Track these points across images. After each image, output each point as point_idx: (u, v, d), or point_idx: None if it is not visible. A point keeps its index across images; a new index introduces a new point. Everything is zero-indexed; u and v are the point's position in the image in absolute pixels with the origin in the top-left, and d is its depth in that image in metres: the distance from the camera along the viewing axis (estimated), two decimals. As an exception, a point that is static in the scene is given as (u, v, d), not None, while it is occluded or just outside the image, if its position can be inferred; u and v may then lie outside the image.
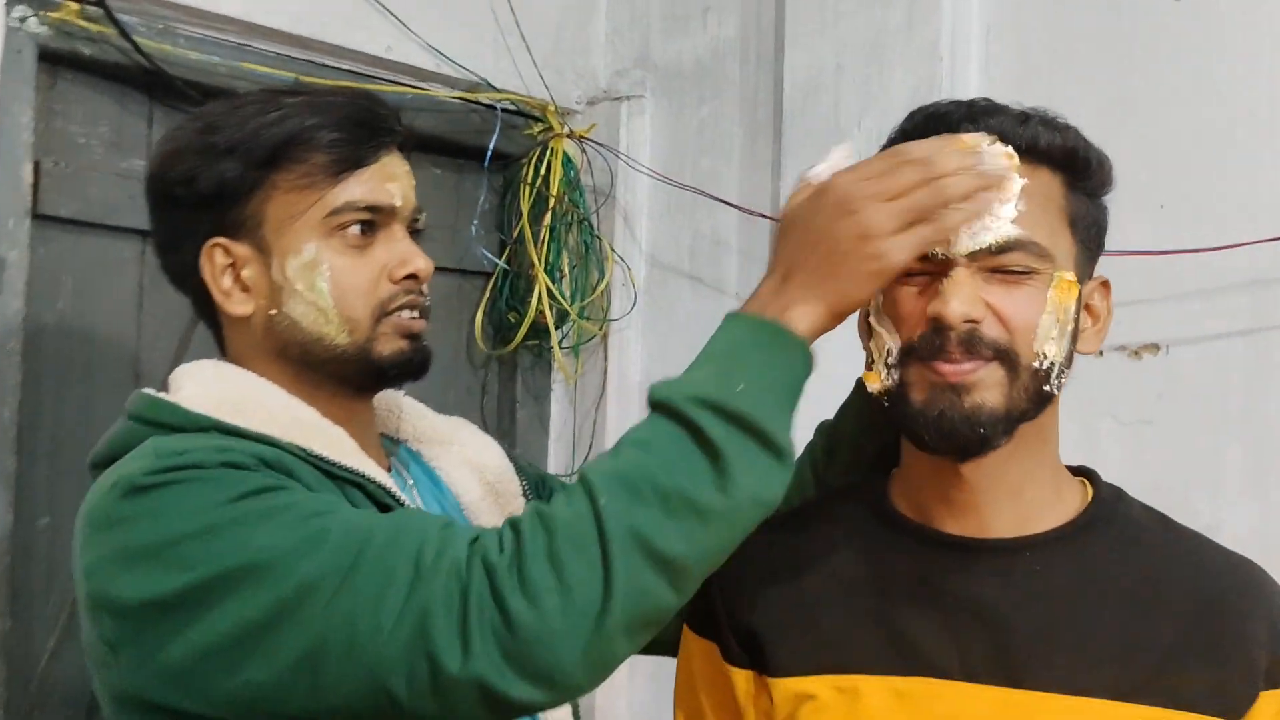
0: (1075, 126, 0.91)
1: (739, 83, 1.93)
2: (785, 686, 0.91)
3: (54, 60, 1.54)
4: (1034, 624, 0.87)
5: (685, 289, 1.99)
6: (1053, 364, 0.86)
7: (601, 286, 2.02)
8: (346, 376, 1.01)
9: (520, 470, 1.18)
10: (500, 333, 2.06)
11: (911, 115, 0.92)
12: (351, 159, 0.98)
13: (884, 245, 0.80)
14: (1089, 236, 0.92)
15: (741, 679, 0.94)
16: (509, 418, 2.10)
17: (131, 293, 1.66)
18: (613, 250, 2.02)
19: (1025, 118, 0.88)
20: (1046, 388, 0.87)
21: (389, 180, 1.01)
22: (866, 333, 0.92)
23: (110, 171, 1.61)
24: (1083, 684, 0.85)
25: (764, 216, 1.83)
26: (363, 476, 0.96)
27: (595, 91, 2.08)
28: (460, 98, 1.92)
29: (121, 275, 1.64)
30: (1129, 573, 0.89)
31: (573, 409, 2.09)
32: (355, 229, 0.99)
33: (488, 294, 2.03)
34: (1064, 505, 0.93)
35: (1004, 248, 0.85)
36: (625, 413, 2.04)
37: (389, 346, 1.01)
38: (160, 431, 0.95)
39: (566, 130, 2.03)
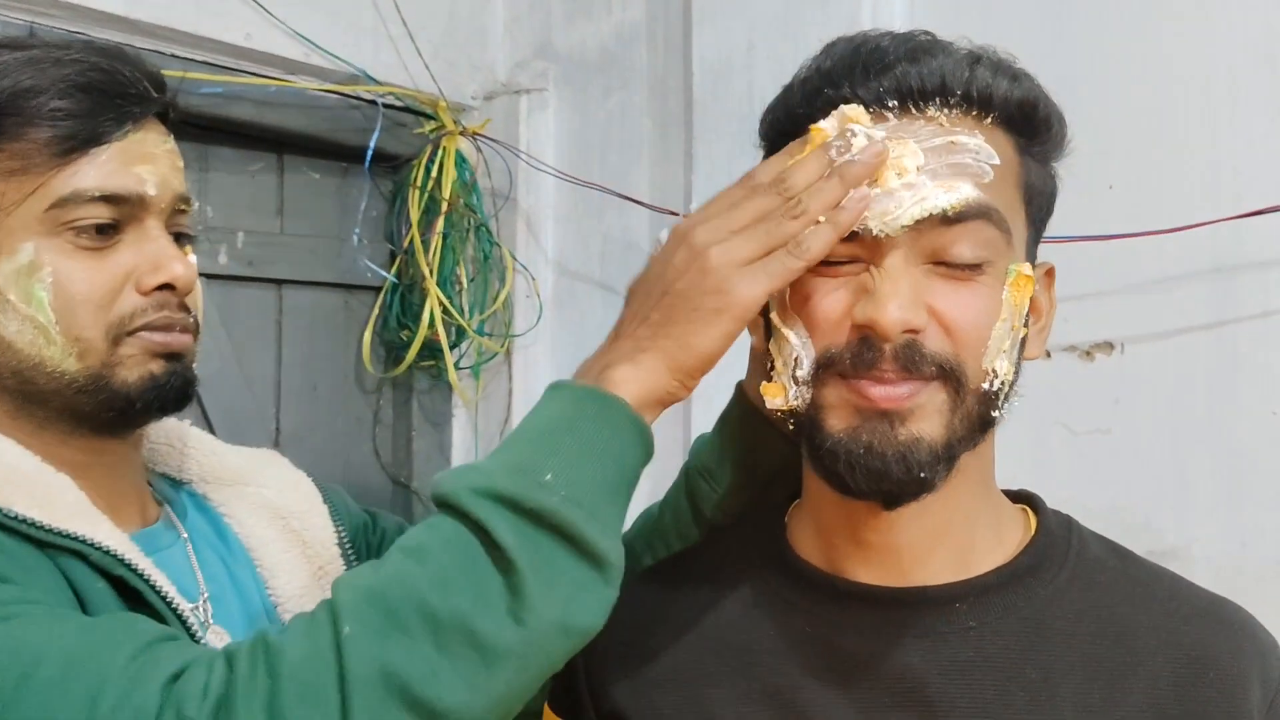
0: (1030, 74, 0.73)
1: (647, 71, 1.75)
2: None
3: None
4: (970, 698, 0.68)
5: (596, 298, 1.80)
6: (1003, 384, 0.69)
7: (502, 298, 1.83)
8: (82, 412, 0.80)
9: (336, 514, 0.97)
10: (392, 353, 1.86)
11: (830, 48, 0.73)
12: (84, 136, 0.78)
13: (731, 280, 0.65)
14: (1041, 214, 0.75)
15: None
16: (405, 448, 1.89)
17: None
18: (514, 258, 1.83)
19: (975, 59, 0.70)
20: (994, 413, 0.70)
21: (139, 162, 0.80)
22: (764, 334, 0.73)
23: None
24: None
25: (676, 215, 1.65)
26: (83, 542, 0.74)
27: (493, 85, 1.89)
28: (336, 91, 1.73)
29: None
30: (1086, 625, 0.71)
31: (475, 435, 1.89)
32: (90, 227, 0.79)
33: (376, 311, 1.83)
34: (1003, 544, 0.74)
35: (961, 214, 0.66)
36: (534, 438, 1.84)
37: (134, 372, 0.80)
38: None
39: (460, 128, 1.83)
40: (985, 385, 0.68)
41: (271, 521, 0.92)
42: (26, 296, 0.78)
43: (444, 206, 1.81)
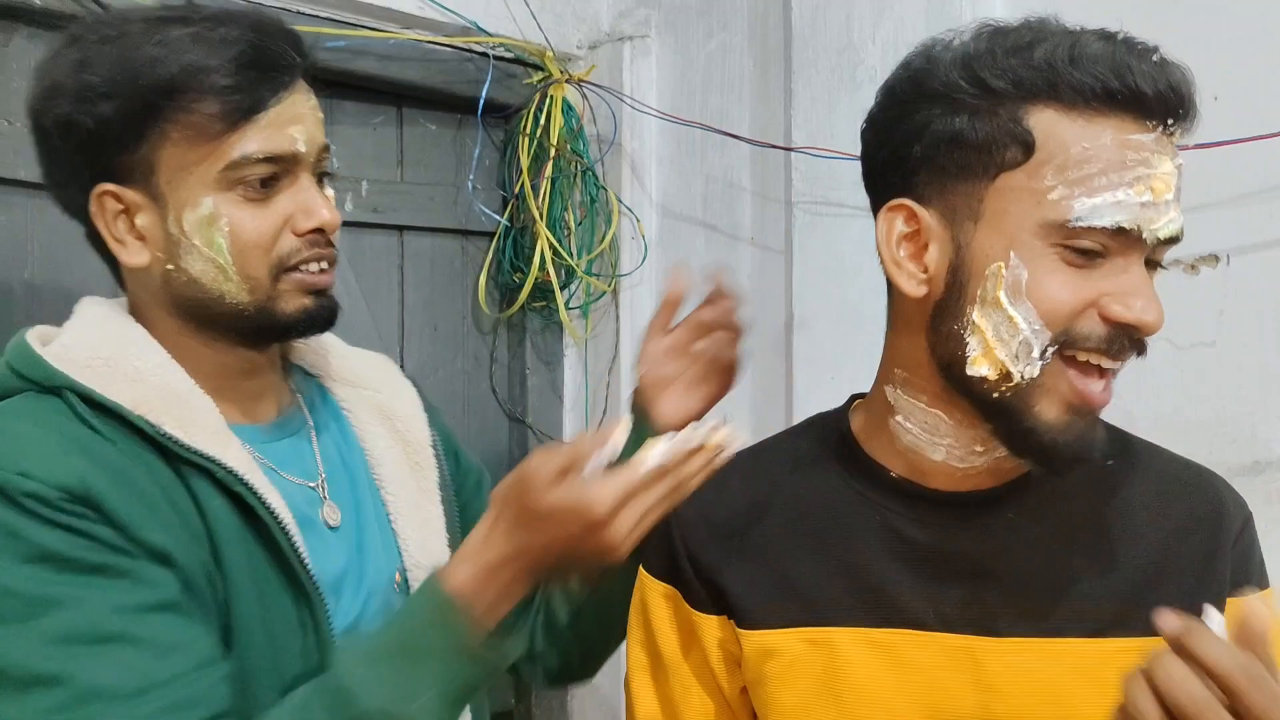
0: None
1: (746, 11, 1.79)
2: (753, 640, 0.88)
3: (8, 16, 1.45)
4: (1011, 574, 0.83)
5: (699, 237, 1.86)
6: None
7: (609, 240, 1.90)
8: (246, 332, 0.98)
9: (433, 421, 1.14)
10: (506, 295, 1.94)
11: (1093, 46, 0.75)
12: (247, 106, 0.92)
13: (622, 546, 0.83)
14: None
15: (710, 625, 0.90)
16: (520, 385, 1.98)
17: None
18: (620, 201, 1.90)
19: (1163, 63, 0.75)
20: None
21: (291, 124, 0.95)
22: (918, 279, 0.82)
23: (75, 132, 1.53)
24: (1058, 626, 0.81)
25: (777, 147, 1.69)
26: (211, 460, 0.89)
27: (597, 34, 1.95)
28: (450, 44, 1.81)
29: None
30: (1099, 506, 0.86)
31: (585, 373, 1.97)
32: (255, 181, 0.93)
33: (490, 254, 1.92)
34: None
35: (1177, 239, 0.78)
36: (642, 374, 1.91)
37: (291, 304, 0.97)
38: (22, 385, 0.91)
39: (566, 76, 1.90)
40: None
41: (382, 421, 1.07)
42: (209, 242, 0.93)
43: (552, 153, 1.88)
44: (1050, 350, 0.75)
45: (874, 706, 0.82)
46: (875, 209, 0.86)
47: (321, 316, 1.00)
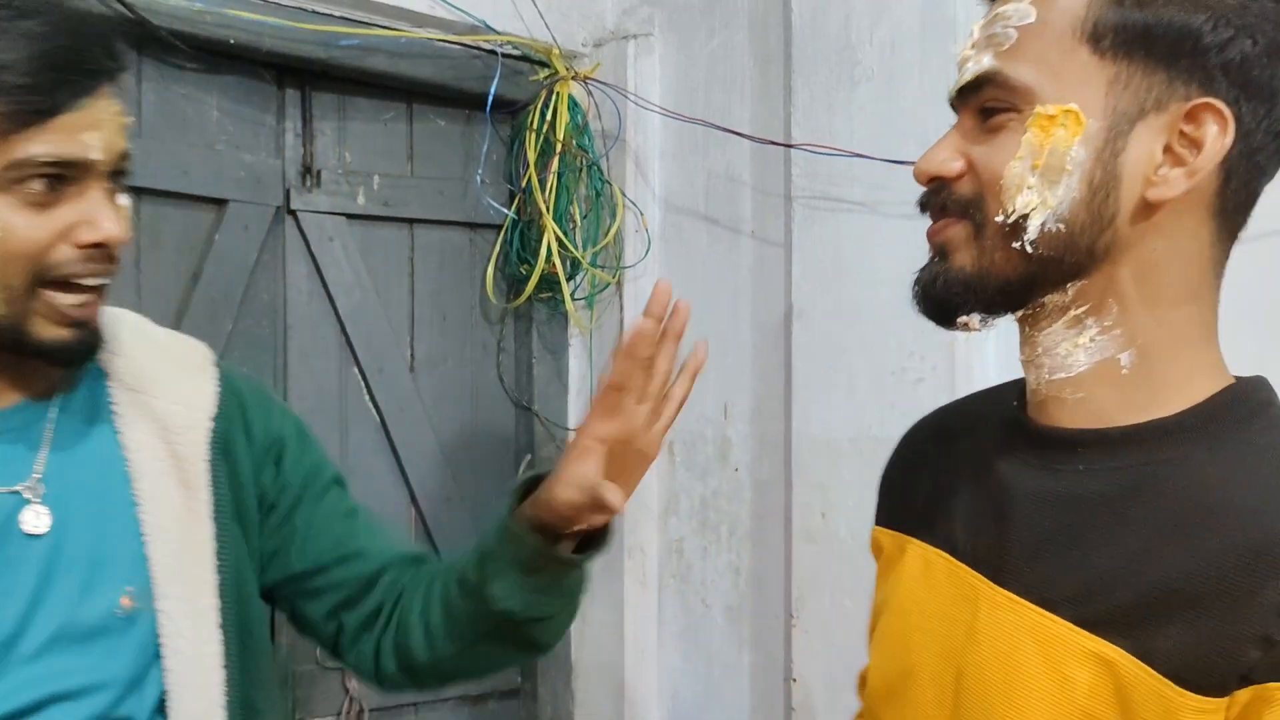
0: None
1: (747, 10, 1.84)
2: (879, 533, 0.94)
3: (34, 14, 1.50)
4: (1039, 525, 0.77)
5: (701, 231, 1.91)
6: (1022, 215, 0.73)
7: (613, 232, 1.95)
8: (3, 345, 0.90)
9: (271, 424, 1.07)
10: (513, 286, 2.00)
11: None
12: (42, 108, 0.84)
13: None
14: (1148, 48, 0.72)
15: (880, 535, 0.94)
16: (526, 374, 2.04)
17: (128, 252, 1.62)
18: (624, 195, 1.95)
19: None
20: (1020, 243, 0.74)
21: (88, 129, 0.87)
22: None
23: (99, 127, 1.58)
24: (1052, 598, 0.74)
25: (778, 144, 1.75)
26: None
27: (601, 32, 2.01)
28: (459, 42, 1.86)
29: (116, 234, 1.61)
30: (1186, 492, 0.72)
31: (590, 362, 2.03)
32: (38, 184, 0.86)
33: (498, 246, 1.98)
34: (1182, 395, 0.74)
35: (974, 84, 0.75)
36: (645, 363, 1.97)
37: (46, 332, 0.89)
38: None
39: (572, 73, 1.96)
40: (999, 219, 0.74)
41: (155, 431, 0.98)
42: None
43: (558, 148, 1.93)
44: None
45: (904, 619, 0.85)
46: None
47: (80, 351, 0.91)
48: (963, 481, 0.84)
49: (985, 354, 1.48)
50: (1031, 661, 0.74)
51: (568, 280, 1.94)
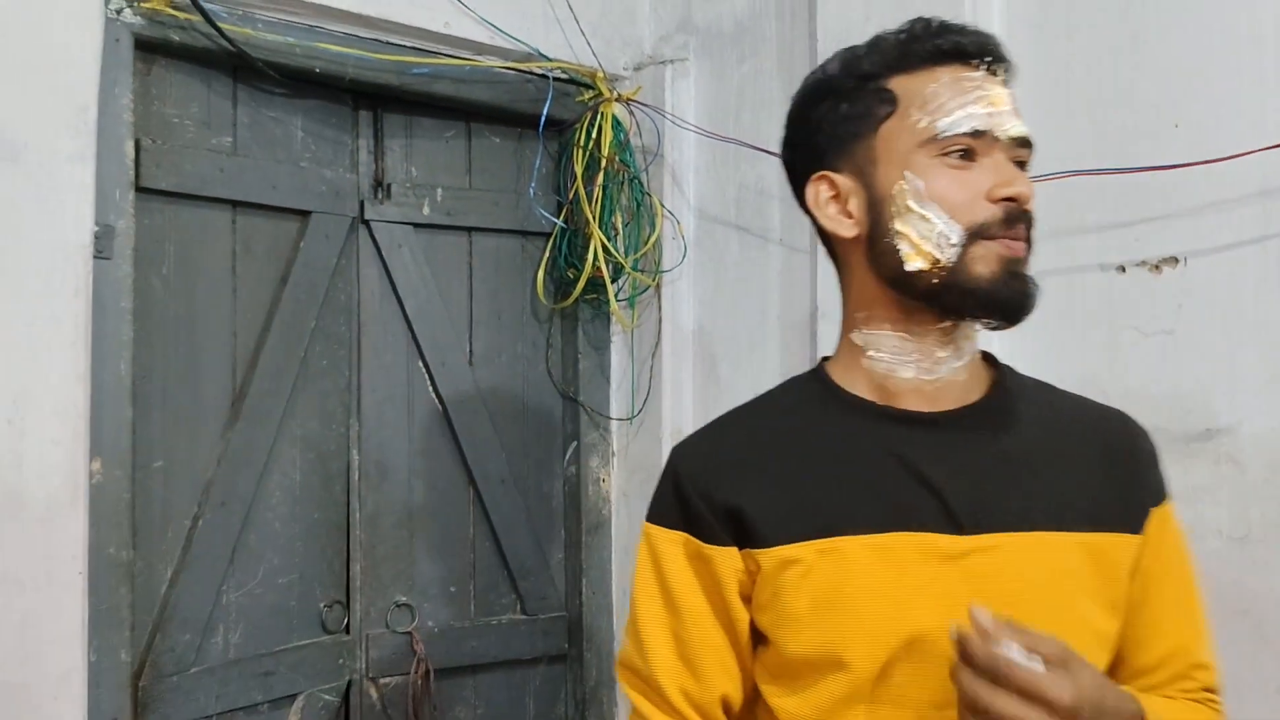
0: None
1: (775, 40, 2.03)
2: (771, 555, 0.98)
3: (149, 48, 1.71)
4: (986, 476, 0.98)
5: (732, 238, 2.11)
6: None
7: (653, 240, 2.15)
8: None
9: None
10: (561, 288, 2.19)
11: (922, 28, 1.01)
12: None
13: None
14: None
15: (726, 555, 0.99)
16: (573, 368, 2.23)
17: (225, 259, 1.83)
18: (662, 205, 2.15)
19: (974, 29, 1.02)
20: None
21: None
22: (860, 218, 1.01)
23: (202, 147, 1.78)
24: (1028, 520, 0.97)
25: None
26: None
27: (641, 57, 2.20)
28: (515, 68, 2.06)
29: (216, 243, 1.81)
30: (1042, 427, 1.03)
31: (631, 357, 2.22)
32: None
33: (547, 252, 2.17)
34: (984, 381, 1.05)
35: (1025, 141, 0.99)
36: (679, 359, 2.16)
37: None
38: None
39: (615, 95, 2.15)
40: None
41: None
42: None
43: (603, 163, 2.13)
44: (965, 237, 0.95)
45: (881, 601, 0.95)
46: (799, 188, 1.06)
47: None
48: (870, 474, 0.98)
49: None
50: (1034, 570, 0.97)
51: (611, 283, 2.13)
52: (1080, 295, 1.62)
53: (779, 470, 1.00)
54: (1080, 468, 1.01)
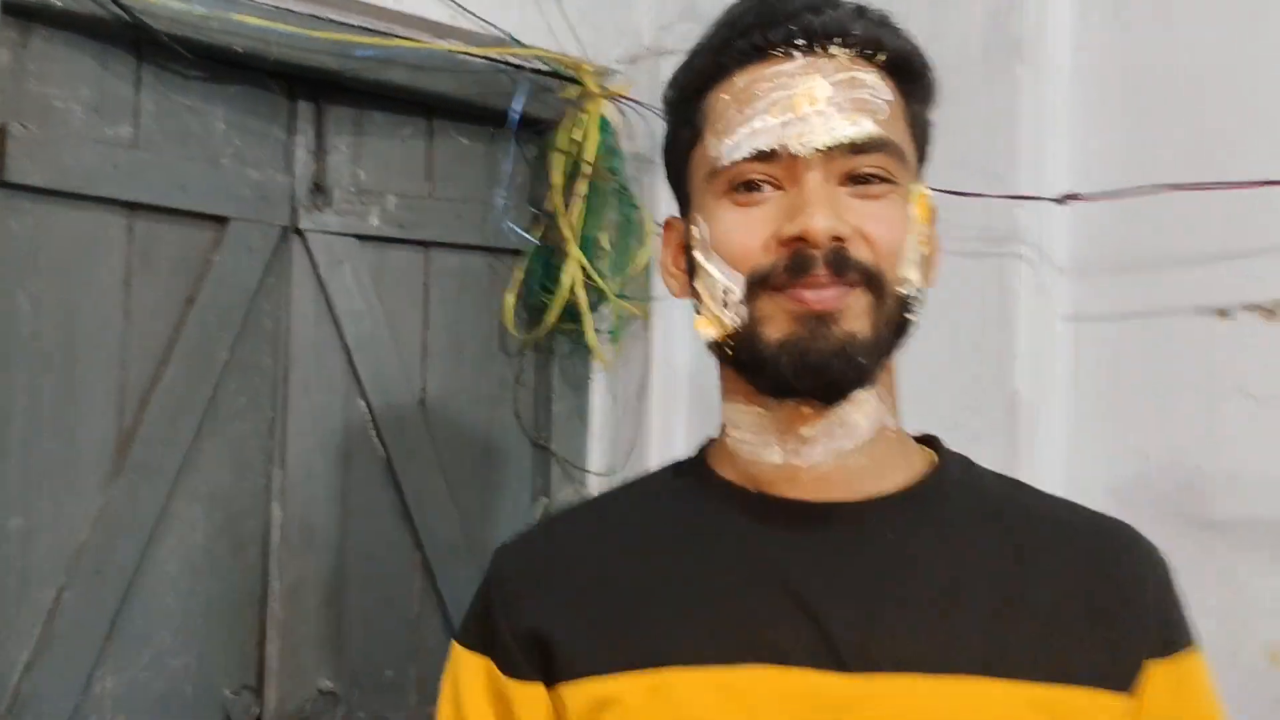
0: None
1: (793, 28, 1.71)
2: (582, 691, 0.77)
3: (23, 14, 1.40)
4: (889, 597, 0.75)
5: (738, 264, 1.77)
6: (915, 291, 0.78)
7: (642, 262, 1.82)
8: None
9: None
10: (534, 317, 1.87)
11: (731, 9, 0.83)
12: None
13: None
14: (923, 152, 0.84)
15: (525, 695, 0.79)
16: (545, 411, 1.90)
17: (116, 272, 1.51)
18: (655, 222, 1.82)
19: (861, 10, 0.80)
20: (909, 316, 0.78)
21: None
22: (685, 276, 0.82)
23: (91, 138, 1.47)
24: (949, 661, 0.73)
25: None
26: None
27: (636, 48, 1.88)
28: (484, 56, 1.74)
29: (106, 253, 1.50)
30: (989, 537, 0.79)
31: (614, 400, 1.89)
32: None
33: (519, 274, 1.85)
34: (910, 468, 0.82)
35: (864, 146, 0.76)
36: (670, 404, 1.83)
37: None
38: None
39: (604, 90, 1.83)
40: (901, 290, 0.77)
41: None
42: None
43: (586, 170, 1.80)
44: (751, 290, 0.76)
45: None
46: None
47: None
48: (721, 584, 0.77)
49: (1049, 407, 1.33)
50: None
51: (592, 311, 1.81)
52: (1168, 347, 1.27)
53: (608, 579, 0.81)
54: (1044, 594, 0.76)
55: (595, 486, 1.90)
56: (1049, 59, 1.37)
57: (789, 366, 0.74)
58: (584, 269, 1.78)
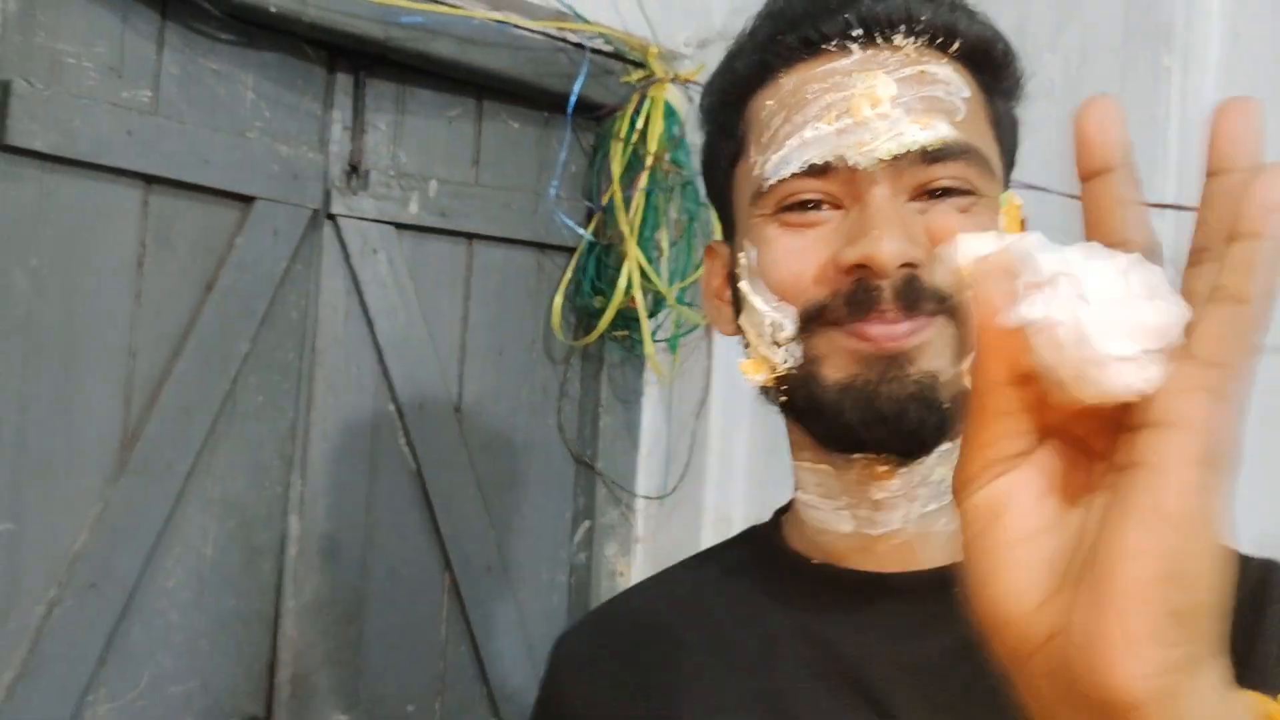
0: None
1: (887, 11, 1.54)
2: None
3: (36, -38, 1.25)
4: (972, 688, 0.59)
5: (811, 271, 1.60)
6: None
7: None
8: None
9: None
10: (584, 321, 1.71)
11: (773, 1, 0.70)
12: None
13: None
14: (1010, 153, 0.72)
15: None
16: (591, 425, 1.74)
17: (129, 251, 1.36)
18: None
19: None
20: None
21: None
22: (731, 309, 0.71)
23: (106, 100, 1.32)
24: None
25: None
26: None
27: (708, 31, 1.72)
28: (542, 31, 1.58)
29: (117, 229, 1.35)
30: None
31: (668, 417, 1.72)
32: None
33: (569, 273, 1.68)
34: None
35: (940, 153, 0.64)
36: (731, 424, 1.66)
37: None
38: None
39: (671, 76, 1.67)
40: None
41: None
42: None
43: (649, 161, 1.64)
44: (801, 323, 0.65)
45: None
46: None
47: None
48: (785, 675, 0.67)
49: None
50: None
51: (649, 318, 1.64)
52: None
53: (675, 669, 0.72)
54: None
55: (643, 510, 1.73)
56: (1198, 48, 1.19)
57: (854, 414, 0.63)
58: (642, 269, 1.62)
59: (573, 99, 1.60)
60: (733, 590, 0.74)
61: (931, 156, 0.64)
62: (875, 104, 0.64)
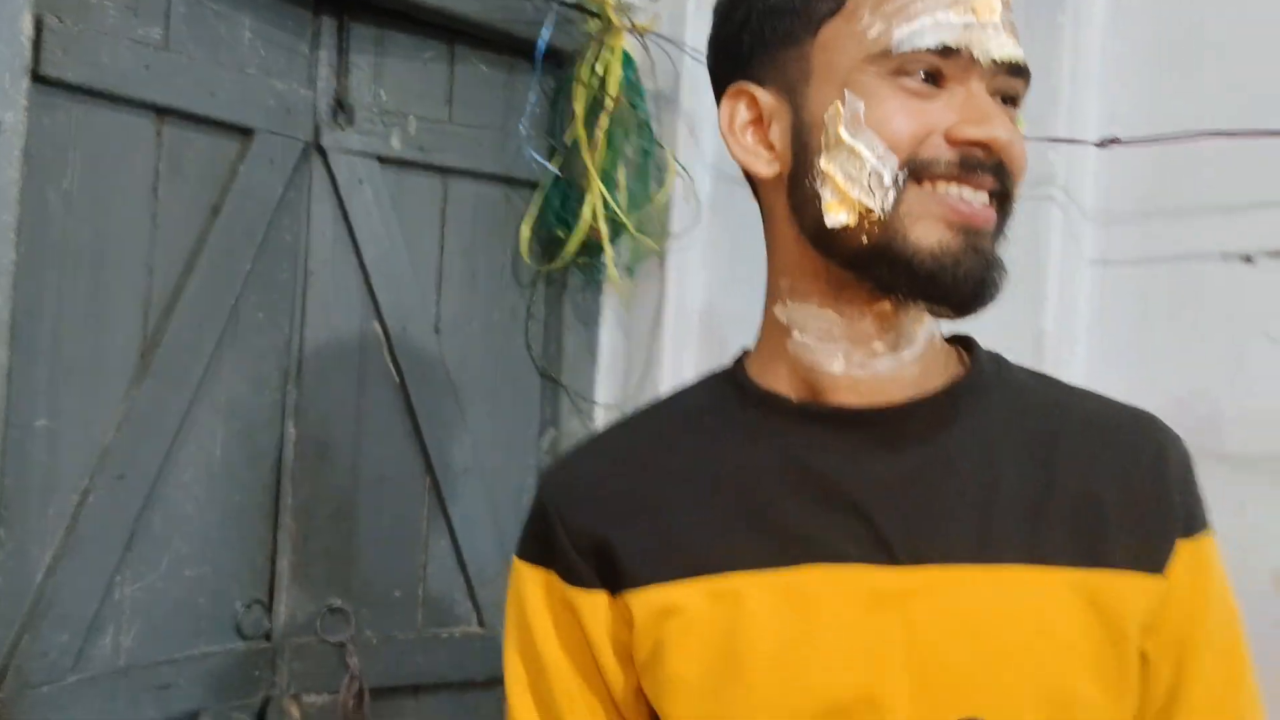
0: None
1: (823, -28, 1.73)
2: (647, 598, 0.78)
3: (63, -96, 1.37)
4: (933, 492, 0.77)
5: (753, 205, 1.79)
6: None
7: (662, 198, 1.83)
8: None
9: None
10: (548, 249, 1.87)
11: None
12: None
13: None
14: None
15: (589, 604, 0.80)
16: (555, 343, 1.92)
17: (146, 176, 1.49)
18: (675, 159, 1.83)
19: None
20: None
21: None
22: (770, 153, 0.80)
23: (125, 36, 1.44)
24: (991, 551, 0.75)
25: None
26: None
27: (660, -15, 1.88)
28: (511, -19, 1.74)
29: (136, 156, 1.47)
30: (1024, 430, 0.80)
31: (625, 335, 1.91)
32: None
33: (536, 205, 1.85)
34: (947, 370, 0.83)
35: (1021, 70, 0.77)
36: (682, 341, 1.85)
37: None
38: None
39: (627, 24, 1.83)
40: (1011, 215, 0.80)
41: None
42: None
43: (608, 104, 1.81)
44: (902, 176, 0.74)
45: (791, 661, 0.74)
46: (718, 98, 0.84)
47: None
48: (771, 495, 0.78)
49: (1075, 348, 1.38)
50: (1001, 613, 0.74)
51: (610, 244, 1.82)
52: (1194, 291, 1.34)
53: (662, 491, 0.81)
54: (1077, 482, 0.78)
55: (602, 419, 1.92)
56: (1088, 7, 1.41)
57: (941, 278, 0.74)
58: (604, 201, 1.79)
59: (541, 44, 1.76)
60: (710, 424, 0.83)
61: (1016, 70, 0.75)
62: (992, 13, 0.74)
